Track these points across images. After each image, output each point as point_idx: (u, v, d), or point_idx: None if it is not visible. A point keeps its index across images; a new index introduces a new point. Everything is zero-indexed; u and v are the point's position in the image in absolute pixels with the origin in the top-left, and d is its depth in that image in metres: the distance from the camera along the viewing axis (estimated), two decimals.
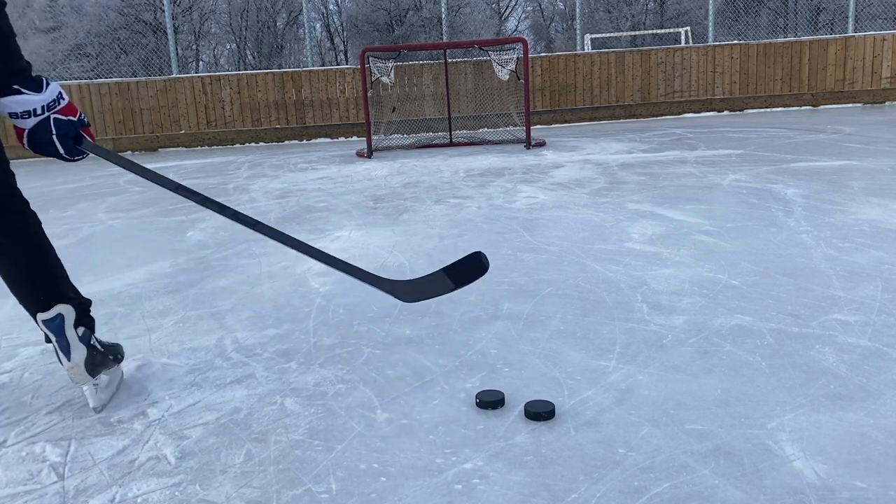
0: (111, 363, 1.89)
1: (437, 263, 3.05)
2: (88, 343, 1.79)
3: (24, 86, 1.59)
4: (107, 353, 1.86)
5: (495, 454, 1.51)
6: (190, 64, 23.51)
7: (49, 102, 1.62)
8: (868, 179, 4.43)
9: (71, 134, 1.67)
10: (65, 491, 1.47)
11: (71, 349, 1.74)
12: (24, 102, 1.59)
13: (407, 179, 5.67)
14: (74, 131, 1.68)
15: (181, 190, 1.86)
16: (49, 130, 1.64)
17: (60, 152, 1.68)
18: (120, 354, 1.95)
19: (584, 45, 12.16)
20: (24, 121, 1.61)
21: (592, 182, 4.97)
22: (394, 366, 2.00)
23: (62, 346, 1.74)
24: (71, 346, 1.74)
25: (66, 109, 1.65)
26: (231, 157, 8.31)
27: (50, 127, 1.64)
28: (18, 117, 1.61)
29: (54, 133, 1.64)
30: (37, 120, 1.62)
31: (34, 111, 1.61)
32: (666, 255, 2.97)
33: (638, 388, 1.78)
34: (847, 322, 2.14)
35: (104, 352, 1.85)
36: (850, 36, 10.44)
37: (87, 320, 1.83)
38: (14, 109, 1.60)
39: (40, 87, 1.61)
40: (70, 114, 1.67)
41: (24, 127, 1.63)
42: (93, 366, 1.78)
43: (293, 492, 1.42)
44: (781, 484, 1.35)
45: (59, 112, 1.64)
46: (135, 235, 4.08)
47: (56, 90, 1.64)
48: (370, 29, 25.95)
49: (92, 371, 1.78)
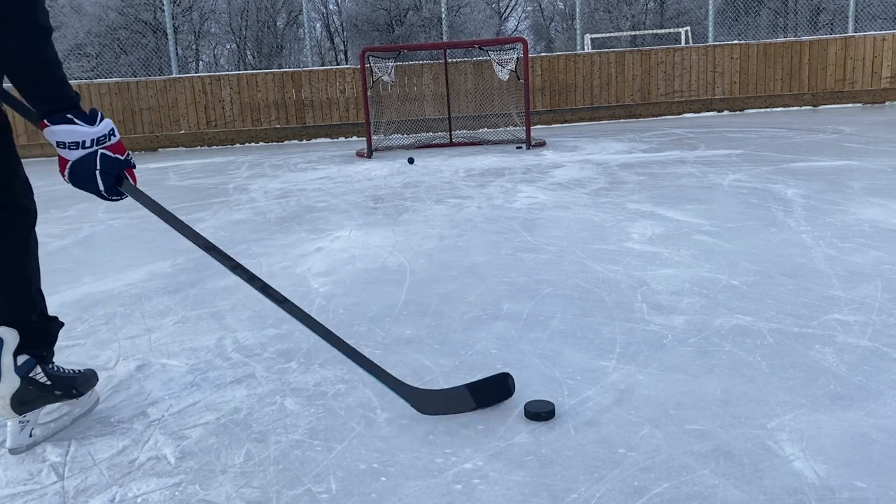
0: (55, 398, 1.69)
1: (437, 263, 3.05)
2: (25, 375, 1.61)
3: (78, 117, 1.53)
4: (53, 387, 1.67)
5: (495, 454, 1.52)
6: (190, 64, 23.51)
7: (99, 137, 1.56)
8: (868, 179, 4.43)
9: (115, 172, 1.60)
10: (65, 491, 1.47)
11: (1, 378, 1.57)
12: (75, 133, 1.53)
13: (407, 179, 5.67)
14: (119, 170, 1.61)
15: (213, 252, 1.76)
16: (94, 165, 1.57)
17: (100, 188, 1.59)
18: (76, 389, 1.73)
19: (584, 45, 12.16)
20: (71, 152, 1.54)
21: (592, 182, 4.97)
22: (394, 366, 2.00)
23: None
24: (2, 374, 1.57)
25: (115, 147, 1.60)
26: (231, 157, 8.31)
27: (95, 161, 1.57)
28: (66, 147, 1.54)
29: (98, 168, 1.57)
30: (84, 153, 1.55)
31: (83, 143, 1.54)
32: (666, 255, 2.97)
33: (638, 388, 1.78)
34: (847, 322, 2.14)
35: (49, 385, 1.66)
36: (850, 36, 10.44)
37: (38, 348, 1.67)
38: (63, 139, 1.53)
39: (93, 120, 1.55)
40: (118, 152, 1.61)
41: (70, 158, 1.55)
42: (21, 402, 1.60)
43: (293, 492, 1.42)
44: (781, 484, 1.35)
45: (108, 148, 1.58)
46: (135, 235, 4.08)
47: (109, 126, 1.58)
48: (370, 29, 25.95)
49: (19, 408, 1.60)
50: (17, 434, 1.63)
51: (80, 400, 1.76)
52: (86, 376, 1.79)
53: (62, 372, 1.72)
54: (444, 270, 2.95)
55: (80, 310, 2.68)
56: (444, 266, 3.01)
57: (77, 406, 1.76)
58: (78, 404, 1.76)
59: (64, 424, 1.73)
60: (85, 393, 1.77)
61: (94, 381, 1.82)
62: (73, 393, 1.72)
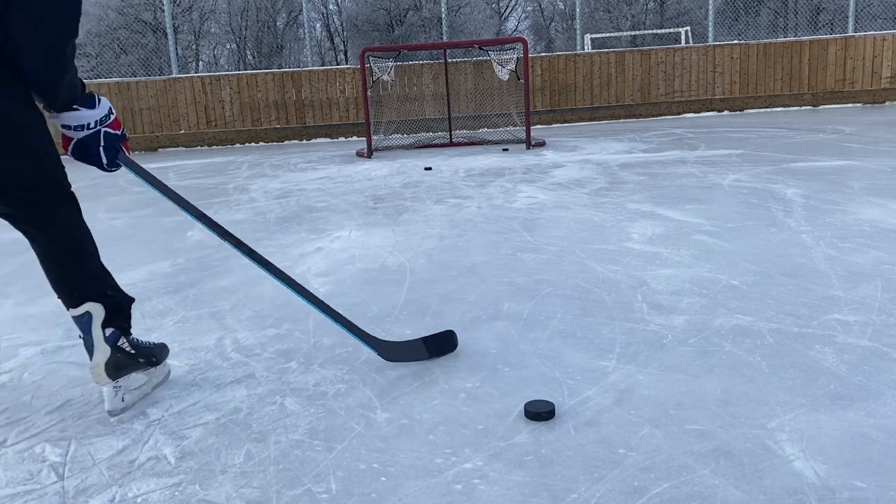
0: (140, 366, 1.87)
1: (437, 263, 3.05)
2: (114, 344, 1.79)
3: (80, 102, 1.69)
4: (137, 355, 1.85)
5: (495, 454, 1.51)
6: (190, 64, 23.52)
7: (101, 117, 1.72)
8: (868, 179, 4.43)
9: (116, 146, 1.77)
10: (65, 491, 1.47)
11: (94, 349, 1.75)
12: (81, 118, 1.69)
13: (407, 179, 5.67)
14: (118, 144, 1.77)
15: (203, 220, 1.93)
16: (98, 142, 1.73)
17: (103, 163, 1.76)
18: (155, 357, 1.92)
19: (584, 45, 12.16)
20: (77, 132, 1.71)
21: (592, 182, 4.97)
22: (394, 366, 2.00)
23: (87, 344, 1.76)
24: (95, 345, 1.75)
25: (113, 124, 1.76)
26: (231, 157, 8.31)
27: (99, 139, 1.73)
28: (71, 129, 1.70)
29: (102, 145, 1.74)
30: (89, 133, 1.72)
31: (88, 125, 1.70)
32: (666, 255, 2.97)
33: (638, 388, 1.78)
34: (847, 322, 2.14)
35: (134, 354, 1.84)
36: (850, 36, 10.44)
37: (121, 320, 1.84)
38: (70, 123, 1.69)
39: (94, 104, 1.71)
40: (116, 128, 1.76)
41: (75, 137, 1.72)
42: (115, 368, 1.78)
43: (293, 492, 1.42)
44: (781, 484, 1.35)
45: (108, 126, 1.74)
46: (135, 235, 4.08)
47: (107, 105, 1.74)
48: (370, 29, 25.96)
49: (113, 374, 1.77)
50: (113, 398, 1.78)
51: (157, 370, 1.94)
52: (161, 346, 1.97)
53: (141, 343, 1.90)
54: (444, 270, 2.95)
55: None
56: (444, 266, 3.01)
57: (154, 375, 1.93)
58: (155, 374, 1.94)
59: (145, 392, 1.89)
60: (162, 361, 1.95)
61: (167, 352, 2.00)
62: (153, 361, 1.91)
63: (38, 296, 2.92)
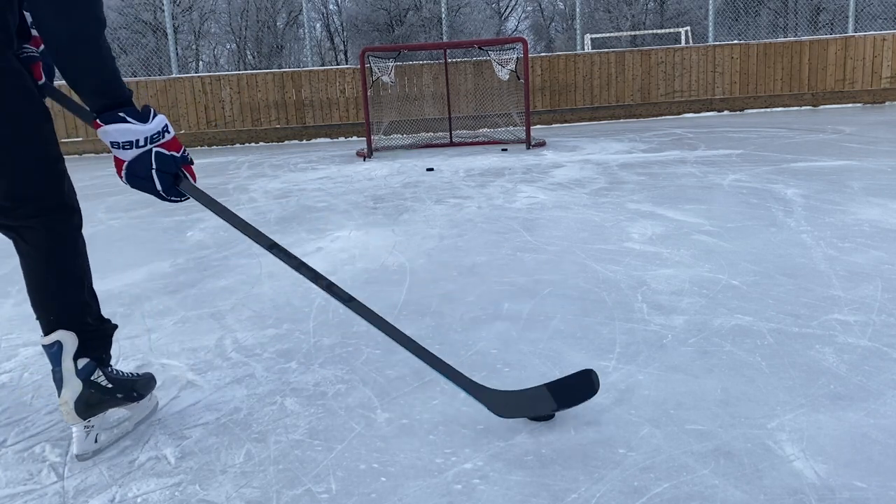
0: (118, 402, 1.66)
1: (437, 263, 3.05)
2: (87, 378, 1.58)
3: (130, 115, 1.49)
4: (115, 389, 1.64)
5: (495, 454, 1.51)
6: (190, 64, 23.52)
7: (153, 134, 1.51)
8: (868, 179, 4.43)
9: (172, 170, 1.55)
10: (65, 491, 1.47)
11: (64, 383, 1.55)
12: (129, 132, 1.49)
13: (407, 179, 5.67)
14: (175, 168, 1.56)
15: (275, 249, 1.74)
16: (149, 164, 1.52)
17: (158, 189, 1.54)
18: (137, 392, 1.70)
19: (584, 45, 12.16)
20: (126, 151, 1.50)
21: (592, 182, 4.97)
22: (394, 366, 2.00)
23: (56, 377, 1.56)
24: (64, 379, 1.55)
25: (170, 144, 1.54)
26: (231, 157, 8.31)
27: (150, 160, 1.52)
28: (120, 147, 1.50)
29: (154, 167, 1.52)
30: (139, 152, 1.51)
31: (137, 142, 1.50)
32: (666, 255, 2.97)
33: (638, 388, 1.78)
34: (847, 322, 2.14)
35: (110, 388, 1.63)
36: (850, 36, 10.44)
37: (97, 351, 1.63)
38: (117, 139, 1.49)
39: (146, 118, 1.51)
40: (174, 149, 1.55)
41: (125, 159, 1.51)
42: (86, 406, 1.57)
43: (293, 492, 1.42)
44: (781, 484, 1.35)
45: (162, 146, 1.53)
46: (135, 235, 4.08)
47: (162, 122, 1.53)
48: (370, 29, 25.96)
49: (84, 412, 1.57)
50: (83, 440, 1.59)
51: (140, 404, 1.73)
52: (145, 379, 1.75)
53: (121, 375, 1.69)
54: (444, 270, 2.95)
55: None
56: (444, 266, 3.01)
57: (137, 410, 1.73)
58: (138, 408, 1.73)
59: (126, 430, 1.69)
60: (145, 396, 1.73)
61: (153, 385, 1.78)
62: (134, 396, 1.69)
63: None
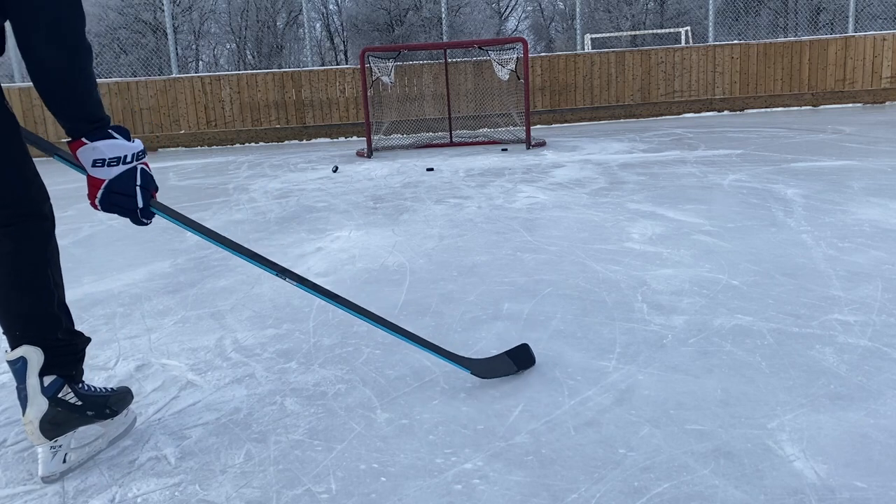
0: (88, 420, 1.57)
1: (437, 263, 3.05)
2: (53, 395, 1.50)
3: (116, 132, 1.47)
4: (85, 407, 1.55)
5: (495, 454, 1.51)
6: (190, 64, 23.52)
7: (138, 152, 1.49)
8: (868, 179, 4.43)
9: (152, 188, 1.53)
10: (65, 491, 1.47)
11: (28, 401, 1.47)
12: (118, 147, 1.46)
13: (407, 179, 5.67)
14: (154, 187, 1.54)
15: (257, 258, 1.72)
16: (134, 180, 1.48)
17: (138, 205, 1.50)
18: (110, 409, 1.61)
19: (584, 45, 12.16)
20: (111, 169, 1.46)
21: (592, 182, 4.97)
22: (394, 366, 2.00)
23: (20, 395, 1.48)
24: (29, 397, 1.47)
25: (146, 163, 1.53)
26: (231, 157, 8.31)
27: (136, 176, 1.49)
28: (106, 165, 1.45)
29: (139, 184, 1.49)
30: (125, 168, 1.47)
31: (125, 158, 1.47)
32: (666, 255, 2.97)
33: (638, 388, 1.78)
34: (847, 322, 2.14)
35: (80, 406, 1.54)
36: (850, 36, 10.44)
37: (66, 368, 1.54)
38: (105, 155, 1.44)
39: (129, 136, 1.49)
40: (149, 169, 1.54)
41: (107, 177, 1.46)
42: (52, 425, 1.49)
43: (293, 492, 1.42)
44: (781, 484, 1.35)
45: (143, 164, 1.52)
46: (135, 235, 4.08)
47: (140, 143, 1.52)
48: (370, 29, 25.96)
49: (49, 432, 1.48)
50: (49, 461, 1.51)
51: (115, 420, 1.64)
52: (120, 394, 1.66)
53: (93, 391, 1.60)
54: (444, 270, 2.95)
55: (80, 310, 2.68)
56: (444, 266, 3.01)
57: (112, 427, 1.65)
58: (113, 425, 1.65)
59: (99, 447, 1.61)
60: (120, 412, 1.65)
61: (129, 400, 1.69)
62: (107, 413, 1.60)
63: None
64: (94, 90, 1.44)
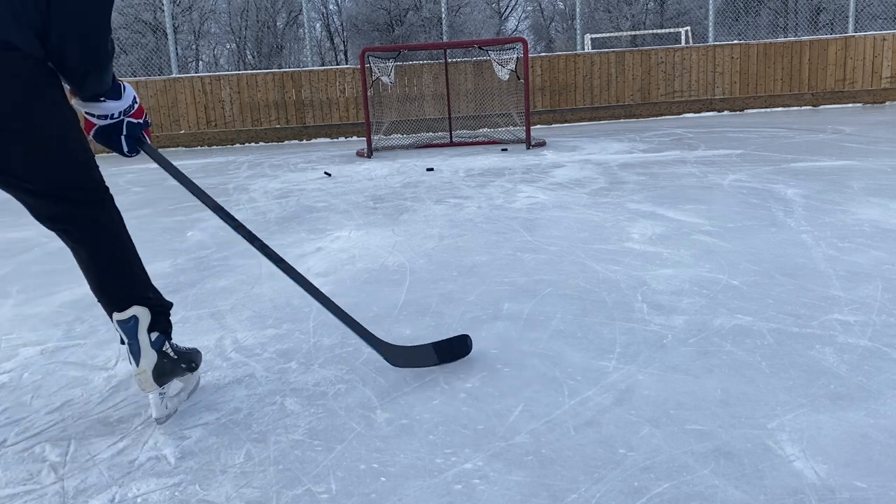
0: (182, 371, 1.82)
1: (437, 263, 3.05)
2: (160, 349, 1.74)
3: (109, 97, 1.68)
4: (179, 360, 1.80)
5: (495, 454, 1.51)
6: (190, 64, 23.52)
7: (125, 108, 1.72)
8: (868, 179, 4.43)
9: (137, 134, 1.78)
10: (65, 491, 1.47)
11: (140, 354, 1.69)
12: (105, 108, 1.69)
13: (407, 179, 5.67)
14: (139, 132, 1.79)
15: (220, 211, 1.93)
16: (119, 131, 1.75)
17: (124, 150, 1.78)
18: (195, 363, 1.88)
19: (584, 45, 12.16)
20: (99, 121, 1.72)
21: (592, 182, 4.97)
22: (394, 366, 2.00)
23: (133, 349, 1.69)
24: (141, 351, 1.69)
25: (136, 112, 1.76)
26: (231, 157, 8.31)
27: (121, 128, 1.74)
28: (94, 118, 1.71)
29: (124, 133, 1.75)
30: (111, 122, 1.73)
31: (111, 115, 1.71)
32: (666, 255, 2.97)
33: (638, 388, 1.78)
34: (847, 322, 2.14)
35: (176, 359, 1.79)
36: (850, 36, 10.44)
37: (163, 325, 1.79)
38: (93, 112, 1.69)
39: (119, 94, 1.70)
40: (139, 116, 1.77)
41: (98, 123, 1.72)
42: (160, 374, 1.72)
43: (293, 492, 1.42)
44: (782, 484, 1.35)
45: (131, 116, 1.75)
46: (135, 235, 4.04)
47: (132, 95, 1.74)
48: (370, 29, 25.96)
49: (159, 379, 1.71)
50: (160, 405, 1.74)
51: (192, 375, 1.90)
52: (196, 352, 1.92)
53: (182, 348, 1.86)
54: (444, 270, 2.95)
55: (80, 310, 2.68)
56: (444, 266, 3.01)
57: (189, 383, 1.89)
58: (190, 381, 1.89)
59: (182, 399, 1.85)
60: (199, 367, 1.91)
61: (201, 358, 1.95)
62: (193, 366, 1.87)
63: (38, 296, 2.92)
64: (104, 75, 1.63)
